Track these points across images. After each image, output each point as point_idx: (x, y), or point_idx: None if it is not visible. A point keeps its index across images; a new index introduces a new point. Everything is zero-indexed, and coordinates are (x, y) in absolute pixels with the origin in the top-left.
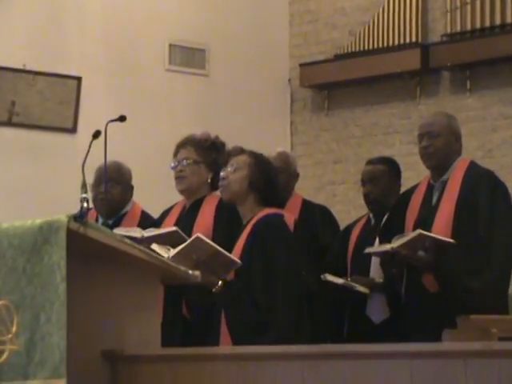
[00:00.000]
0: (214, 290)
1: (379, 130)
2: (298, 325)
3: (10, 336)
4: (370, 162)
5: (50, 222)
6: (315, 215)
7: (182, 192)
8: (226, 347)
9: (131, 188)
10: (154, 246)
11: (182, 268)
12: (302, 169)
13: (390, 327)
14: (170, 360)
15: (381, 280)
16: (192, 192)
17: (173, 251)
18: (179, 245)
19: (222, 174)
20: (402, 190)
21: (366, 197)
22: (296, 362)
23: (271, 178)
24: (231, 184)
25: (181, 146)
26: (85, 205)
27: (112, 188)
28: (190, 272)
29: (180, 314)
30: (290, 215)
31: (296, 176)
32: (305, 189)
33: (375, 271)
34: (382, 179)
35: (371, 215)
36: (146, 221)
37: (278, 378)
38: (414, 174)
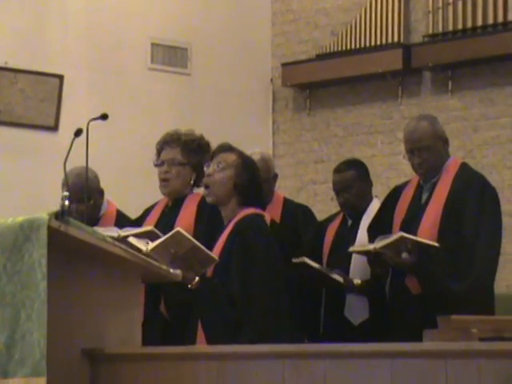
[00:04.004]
0: (190, 286)
1: (361, 130)
2: (276, 324)
3: None
4: (337, 171)
5: (31, 220)
6: (297, 214)
7: (166, 195)
8: (206, 346)
9: (101, 193)
10: (132, 239)
11: (164, 267)
12: (284, 168)
13: (370, 328)
14: (150, 359)
15: (359, 281)
16: (175, 194)
17: (152, 244)
18: None
19: (207, 170)
20: (383, 189)
21: (344, 205)
22: (277, 360)
23: (255, 180)
24: (216, 185)
25: (166, 143)
26: (66, 203)
27: (80, 206)
28: (172, 271)
29: (158, 311)
30: (267, 215)
31: (275, 177)
32: (286, 188)
33: (355, 272)
34: (354, 185)
35: (348, 217)
36: (122, 220)
37: (258, 377)
38: (395, 173)
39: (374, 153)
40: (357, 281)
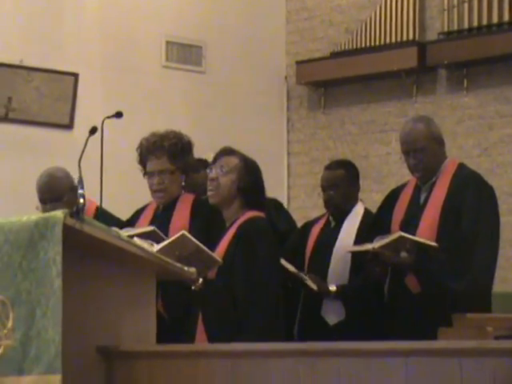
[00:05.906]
0: (193, 287)
1: (376, 128)
2: (273, 325)
3: (5, 331)
4: (328, 168)
5: (46, 218)
6: (269, 207)
7: (162, 204)
8: (221, 344)
9: (74, 190)
10: (136, 240)
11: (178, 264)
12: (299, 166)
13: (346, 329)
14: (165, 356)
15: (334, 288)
16: (172, 199)
17: (157, 246)
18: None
19: (210, 174)
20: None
21: (327, 202)
22: (291, 358)
23: (258, 182)
24: (221, 188)
25: (151, 153)
26: (81, 201)
27: (54, 205)
28: (186, 268)
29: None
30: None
31: None
32: (301, 186)
33: (333, 273)
34: (341, 184)
35: (331, 217)
36: (102, 218)
37: (273, 375)
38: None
39: (389, 151)
40: (332, 287)
